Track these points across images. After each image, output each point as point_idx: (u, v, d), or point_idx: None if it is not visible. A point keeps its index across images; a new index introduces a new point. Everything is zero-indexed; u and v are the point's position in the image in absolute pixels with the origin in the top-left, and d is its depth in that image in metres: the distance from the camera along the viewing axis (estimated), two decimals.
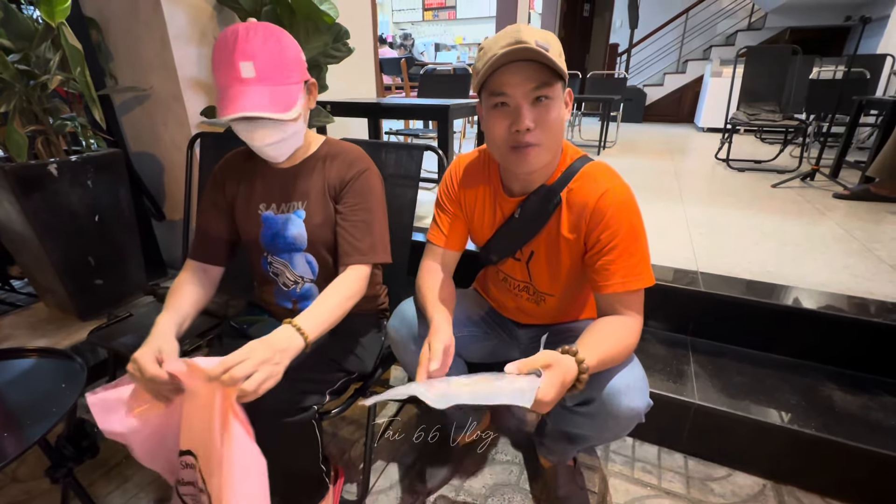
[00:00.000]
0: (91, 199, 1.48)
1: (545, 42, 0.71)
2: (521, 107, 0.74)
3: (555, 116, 0.75)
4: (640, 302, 0.81)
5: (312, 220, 0.93)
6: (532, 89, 0.73)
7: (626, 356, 0.78)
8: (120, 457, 1.24)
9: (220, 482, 0.66)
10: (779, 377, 1.27)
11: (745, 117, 3.37)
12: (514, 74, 0.72)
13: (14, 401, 0.77)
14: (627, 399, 0.76)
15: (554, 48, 0.72)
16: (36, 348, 0.87)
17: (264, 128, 0.80)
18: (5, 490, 1.13)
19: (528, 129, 0.74)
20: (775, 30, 6.53)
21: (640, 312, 0.81)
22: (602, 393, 0.77)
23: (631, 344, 0.78)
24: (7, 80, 1.28)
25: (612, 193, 0.79)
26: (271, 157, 0.88)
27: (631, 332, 0.78)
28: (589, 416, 0.82)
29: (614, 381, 0.77)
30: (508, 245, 0.93)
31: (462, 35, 8.97)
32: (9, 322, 1.61)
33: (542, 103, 0.74)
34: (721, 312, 1.40)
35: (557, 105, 0.75)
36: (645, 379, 0.81)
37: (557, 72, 0.72)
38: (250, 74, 0.74)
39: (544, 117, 0.75)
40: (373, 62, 2.70)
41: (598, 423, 0.82)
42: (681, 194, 2.65)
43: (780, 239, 1.90)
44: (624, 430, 0.83)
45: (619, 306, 0.80)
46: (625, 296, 0.79)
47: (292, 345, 0.71)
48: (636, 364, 0.82)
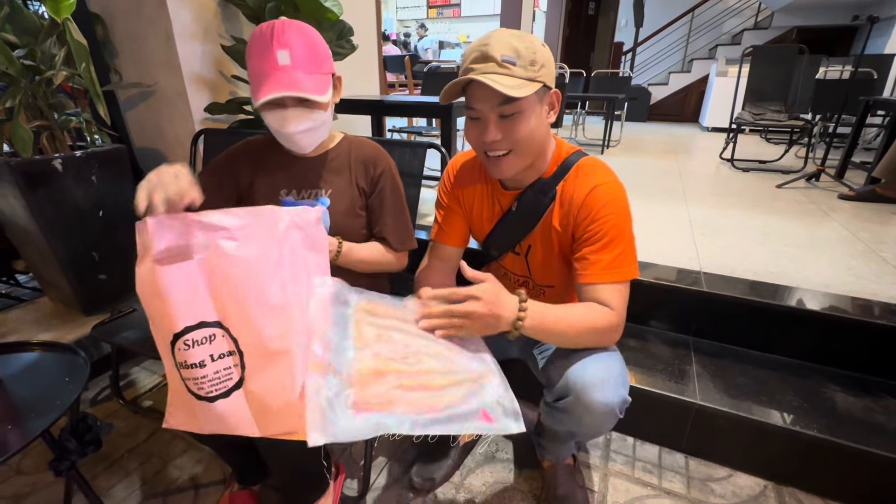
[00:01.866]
0: (95, 194, 1.49)
1: (513, 54, 0.71)
2: (488, 121, 0.76)
3: (525, 128, 0.76)
4: (620, 298, 0.80)
5: (337, 208, 0.96)
6: (496, 105, 0.74)
7: (586, 339, 0.79)
8: (123, 450, 1.25)
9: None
10: (781, 378, 1.26)
11: (751, 117, 3.35)
12: (481, 89, 0.73)
13: (18, 394, 0.77)
14: (601, 394, 0.76)
15: (523, 59, 0.72)
16: (40, 342, 0.88)
17: (296, 115, 0.83)
18: (10, 482, 1.14)
19: (495, 140, 0.76)
20: (782, 29, 6.49)
21: (619, 308, 0.79)
22: (576, 387, 0.78)
23: (594, 328, 0.78)
24: (13, 76, 1.29)
25: (603, 188, 0.81)
26: (300, 146, 0.90)
27: (598, 317, 0.78)
28: (566, 411, 0.82)
29: (588, 375, 0.78)
30: (507, 239, 0.95)
31: (466, 33, 8.95)
32: (13, 316, 1.62)
33: (511, 118, 0.76)
34: (724, 313, 1.40)
35: (529, 116, 0.76)
36: (623, 375, 0.81)
37: (510, 96, 0.71)
38: (286, 62, 0.79)
39: (513, 130, 0.76)
40: (376, 59, 2.70)
41: (575, 418, 0.82)
42: (684, 194, 2.64)
43: (783, 240, 1.89)
44: (603, 425, 0.82)
45: (597, 298, 0.80)
46: (602, 287, 0.79)
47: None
48: (613, 359, 0.82)
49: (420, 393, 0.67)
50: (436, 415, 0.65)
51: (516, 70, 0.72)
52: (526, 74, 0.72)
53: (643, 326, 1.49)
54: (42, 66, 1.35)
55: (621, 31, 7.73)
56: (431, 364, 0.70)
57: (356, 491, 1.10)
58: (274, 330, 0.63)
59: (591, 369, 0.79)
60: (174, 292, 0.61)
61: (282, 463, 0.90)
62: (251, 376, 0.65)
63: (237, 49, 1.55)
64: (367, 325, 0.75)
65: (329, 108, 0.91)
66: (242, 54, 1.55)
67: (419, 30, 8.31)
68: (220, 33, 1.64)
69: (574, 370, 0.79)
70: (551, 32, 6.75)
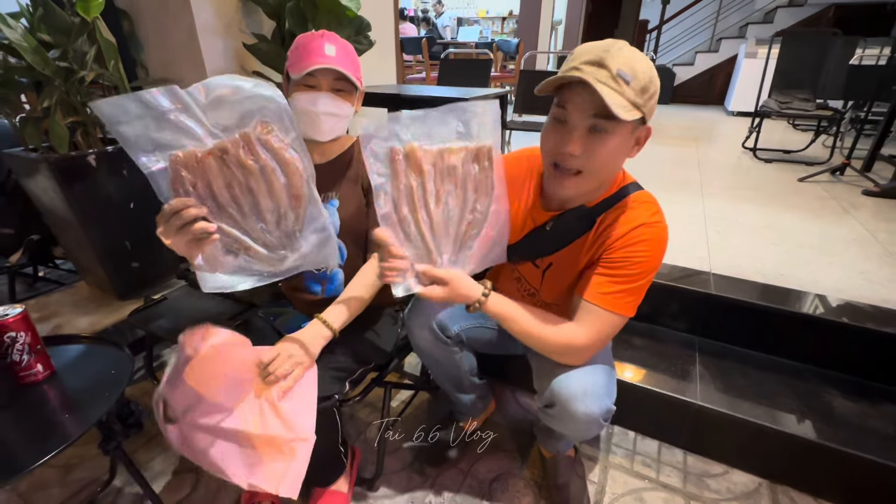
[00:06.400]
0: (127, 187, 1.57)
1: (630, 72, 0.66)
2: (574, 129, 0.71)
3: (606, 153, 0.72)
4: (597, 325, 0.80)
5: (346, 209, 1.01)
6: (591, 116, 0.69)
7: (546, 348, 0.82)
8: (157, 429, 1.36)
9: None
10: (781, 381, 1.29)
11: (777, 105, 3.24)
12: (580, 94, 0.69)
13: (71, 384, 0.86)
14: (583, 405, 0.81)
15: (637, 81, 0.67)
16: (89, 336, 0.97)
17: (328, 97, 0.91)
18: (61, 454, 1.26)
19: (572, 154, 0.72)
20: (818, 6, 6.15)
21: (589, 333, 0.80)
22: (560, 397, 0.82)
23: (549, 340, 0.81)
24: (48, 76, 1.35)
25: (647, 229, 0.78)
26: (321, 130, 0.95)
27: (561, 329, 0.80)
28: (554, 417, 0.87)
29: (571, 386, 0.82)
30: (531, 251, 0.94)
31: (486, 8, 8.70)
32: (55, 299, 1.74)
33: (599, 135, 0.70)
34: (730, 315, 1.42)
35: (615, 142, 0.71)
36: (608, 385, 0.84)
37: (616, 114, 0.65)
38: (332, 53, 0.89)
39: (595, 150, 0.71)
40: (393, 45, 2.68)
41: (563, 424, 0.87)
42: (701, 187, 2.61)
43: (798, 240, 1.88)
44: (587, 432, 0.87)
45: (576, 312, 0.81)
46: (586, 305, 0.80)
47: (320, 338, 0.89)
48: (598, 371, 0.85)
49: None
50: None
51: (627, 91, 0.66)
52: (634, 99, 0.67)
53: (650, 325, 1.53)
54: (74, 65, 1.41)
55: (647, 8, 7.41)
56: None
57: (371, 473, 1.19)
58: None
59: (575, 380, 0.82)
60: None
61: None
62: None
63: (258, 47, 1.58)
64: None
65: (353, 108, 0.97)
66: (263, 52, 1.59)
67: (436, 6, 8.11)
68: (241, 29, 1.67)
69: (560, 381, 0.83)
70: (574, 9, 6.53)
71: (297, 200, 0.72)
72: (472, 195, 0.75)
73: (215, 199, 0.69)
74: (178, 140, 0.64)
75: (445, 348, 1.06)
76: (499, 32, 8.48)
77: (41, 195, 1.54)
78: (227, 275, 0.73)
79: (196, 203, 0.67)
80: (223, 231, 0.71)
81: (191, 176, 0.66)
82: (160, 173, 0.65)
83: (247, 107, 0.66)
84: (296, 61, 0.91)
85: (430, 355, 1.09)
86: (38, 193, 1.54)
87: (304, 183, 0.71)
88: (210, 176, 0.67)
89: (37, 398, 0.82)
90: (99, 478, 1.17)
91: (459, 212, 0.75)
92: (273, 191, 0.70)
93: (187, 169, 0.65)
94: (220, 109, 0.65)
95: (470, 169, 0.73)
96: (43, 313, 1.64)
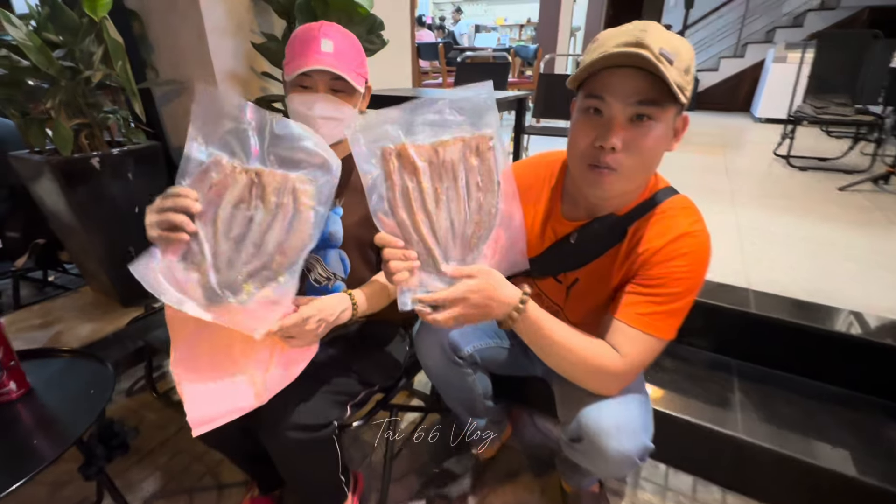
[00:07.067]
0: (132, 191, 1.52)
1: (672, 51, 0.58)
2: (614, 119, 0.62)
3: (651, 144, 0.63)
4: (637, 349, 0.69)
5: (350, 218, 0.92)
6: (635, 103, 0.61)
7: (580, 373, 0.70)
8: (154, 443, 1.29)
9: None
10: (832, 412, 1.16)
11: (812, 111, 3.07)
12: (621, 80, 0.61)
13: (48, 402, 0.80)
14: (616, 442, 0.69)
15: (681, 61, 0.59)
16: (69, 349, 0.90)
17: (324, 100, 0.84)
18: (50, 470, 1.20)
19: (614, 148, 0.63)
20: (852, 9, 5.90)
21: (629, 359, 0.69)
22: (589, 432, 0.71)
23: (591, 364, 0.69)
24: (53, 76, 1.31)
25: (689, 240, 0.69)
26: (319, 135, 0.87)
27: (600, 355, 0.69)
28: (581, 453, 0.76)
29: (603, 419, 0.71)
30: (554, 266, 0.84)
31: (504, 15, 8.68)
32: (59, 304, 1.70)
33: (642, 124, 0.62)
34: (771, 336, 1.29)
35: (659, 132, 0.63)
36: (644, 418, 0.73)
37: (674, 93, 0.59)
38: (329, 49, 0.82)
39: (638, 141, 0.63)
40: (409, 48, 2.62)
41: (591, 461, 0.76)
42: (732, 196, 2.47)
43: (842, 253, 1.73)
44: (619, 472, 0.77)
45: (612, 336, 0.70)
46: (622, 327, 0.70)
47: (339, 311, 0.79)
48: (632, 402, 0.74)
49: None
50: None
51: (671, 70, 0.58)
52: (678, 80, 0.59)
53: (681, 345, 1.40)
54: (81, 66, 1.38)
55: (669, 12, 7.27)
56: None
57: (375, 502, 1.10)
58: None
59: (607, 412, 0.71)
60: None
61: (295, 476, 0.90)
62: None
63: (267, 46, 1.53)
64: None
65: (354, 109, 0.89)
66: (273, 51, 1.53)
67: (455, 13, 8.11)
68: (252, 29, 1.62)
69: (589, 412, 0.72)
70: (594, 13, 6.43)
71: (283, 257, 0.68)
72: (474, 191, 0.66)
73: (217, 208, 0.67)
74: (231, 148, 0.67)
75: (458, 370, 0.97)
76: (516, 40, 8.43)
77: (45, 198, 1.51)
78: (161, 276, 0.66)
79: (200, 200, 0.66)
80: (198, 238, 0.66)
81: (216, 178, 0.66)
82: (195, 162, 0.66)
83: (304, 157, 0.68)
84: (290, 59, 0.84)
85: (441, 377, 1.00)
86: (42, 196, 1.51)
87: (299, 250, 0.68)
88: (230, 188, 0.67)
89: (8, 419, 0.75)
90: (89, 497, 1.10)
91: (463, 211, 0.66)
92: (271, 231, 0.68)
93: (218, 171, 0.66)
94: (281, 145, 0.68)
95: (469, 162, 0.65)
96: (45, 319, 1.60)
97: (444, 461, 1.22)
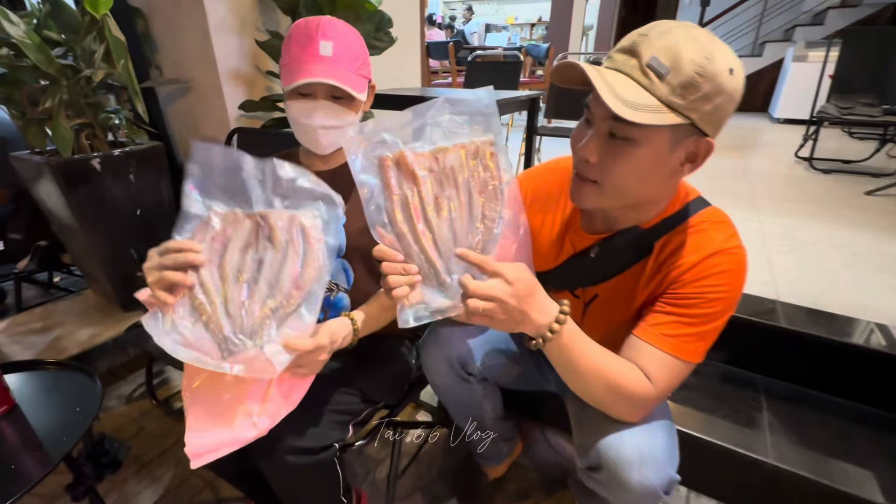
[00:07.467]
0: (133, 192, 1.49)
1: (668, 62, 0.52)
2: (596, 132, 0.59)
3: (629, 165, 0.58)
4: (666, 373, 0.63)
5: (353, 225, 0.86)
6: (608, 117, 0.56)
7: (607, 398, 0.64)
8: (153, 453, 1.25)
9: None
10: (870, 436, 1.07)
11: (837, 111, 2.95)
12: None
13: (34, 418, 0.75)
14: (639, 474, 0.63)
15: (683, 73, 0.51)
16: (55, 362, 0.86)
17: (325, 108, 0.81)
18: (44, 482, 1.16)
19: (587, 160, 0.60)
20: (875, 6, 5.72)
21: (658, 384, 0.63)
22: (610, 462, 0.65)
23: (622, 388, 0.62)
24: (52, 75, 1.28)
25: (726, 258, 0.63)
26: (319, 144, 0.85)
27: (633, 381, 0.62)
28: (600, 483, 0.69)
29: (625, 448, 0.64)
30: (572, 280, 0.77)
31: (514, 14, 8.59)
32: (61, 308, 1.67)
33: (618, 142, 0.57)
34: (803, 352, 1.21)
35: (641, 155, 0.57)
36: (669, 449, 0.66)
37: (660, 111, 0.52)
38: (328, 53, 0.77)
39: (610, 160, 0.58)
40: (419, 47, 2.57)
41: (610, 492, 0.69)
42: (752, 199, 2.37)
43: (876, 262, 1.63)
44: None
45: (637, 357, 0.64)
46: (648, 349, 0.63)
47: (345, 339, 0.75)
48: (657, 430, 0.67)
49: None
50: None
51: (659, 86, 0.52)
52: (669, 97, 0.52)
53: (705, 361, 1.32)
54: (82, 64, 1.34)
55: (684, 11, 7.12)
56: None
57: None
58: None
59: (630, 440, 0.65)
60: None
61: (295, 501, 0.84)
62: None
63: (272, 44, 1.48)
64: None
65: (358, 114, 0.85)
66: (277, 49, 1.48)
67: (465, 12, 8.05)
68: (257, 27, 1.58)
69: (610, 441, 0.66)
70: (606, 13, 6.33)
71: (299, 291, 0.65)
72: (477, 199, 0.61)
73: (221, 257, 0.65)
74: (232, 197, 0.65)
75: (466, 386, 0.92)
76: (527, 39, 8.34)
77: (45, 199, 1.47)
78: (168, 339, 0.62)
79: (202, 252, 0.63)
80: (205, 289, 0.63)
81: (219, 228, 0.64)
82: (194, 216, 0.64)
83: (307, 194, 0.66)
84: (287, 61, 0.79)
85: (449, 393, 0.94)
86: (43, 198, 1.48)
87: (314, 280, 0.66)
88: (235, 234, 0.65)
89: None
90: None
91: (466, 221, 0.61)
92: (284, 268, 0.65)
93: (220, 221, 0.65)
94: (283, 185, 0.66)
95: (471, 169, 0.61)
96: (46, 323, 1.57)
97: (451, 480, 1.16)
